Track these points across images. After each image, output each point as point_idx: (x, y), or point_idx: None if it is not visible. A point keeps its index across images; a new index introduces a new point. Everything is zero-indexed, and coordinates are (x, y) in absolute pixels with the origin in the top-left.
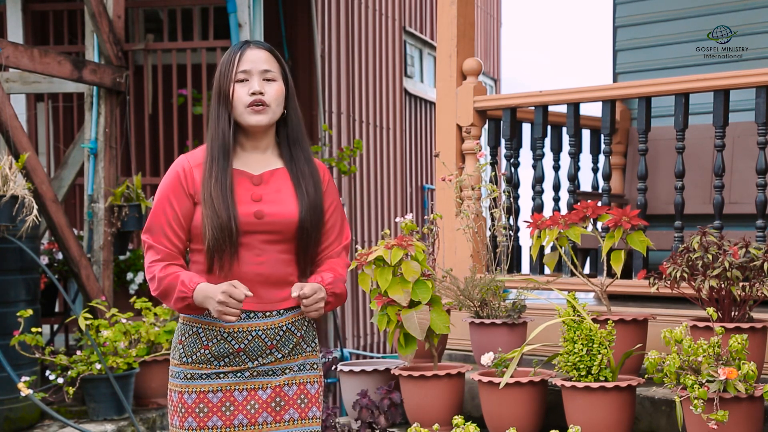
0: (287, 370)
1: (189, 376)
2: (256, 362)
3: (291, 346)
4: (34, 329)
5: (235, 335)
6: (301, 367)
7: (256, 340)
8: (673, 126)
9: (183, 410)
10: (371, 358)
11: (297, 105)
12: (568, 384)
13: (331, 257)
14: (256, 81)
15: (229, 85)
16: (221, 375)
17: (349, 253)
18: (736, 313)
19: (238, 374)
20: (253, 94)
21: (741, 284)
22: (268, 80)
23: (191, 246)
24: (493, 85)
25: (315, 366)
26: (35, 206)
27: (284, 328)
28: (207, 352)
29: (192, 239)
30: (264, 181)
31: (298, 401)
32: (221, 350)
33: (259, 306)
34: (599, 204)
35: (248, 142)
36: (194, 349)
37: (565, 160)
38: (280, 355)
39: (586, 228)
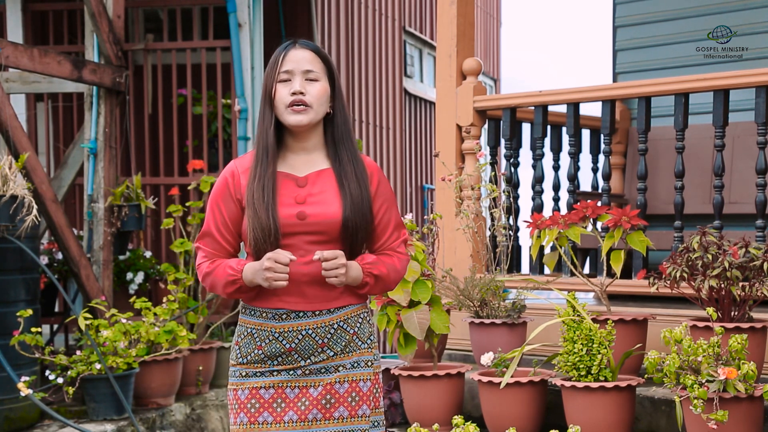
0: (340, 368)
1: (244, 374)
2: (308, 360)
3: (343, 343)
4: (33, 329)
5: (286, 335)
6: (355, 365)
7: (307, 339)
8: (673, 126)
9: (237, 406)
10: None
11: (344, 104)
12: (567, 384)
13: (386, 251)
14: (297, 81)
15: (272, 86)
16: (275, 372)
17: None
18: (736, 313)
19: (291, 372)
20: (294, 94)
21: (741, 284)
22: (311, 80)
23: (246, 249)
24: (493, 85)
25: (369, 363)
26: (35, 206)
27: (335, 325)
28: (260, 352)
29: (244, 242)
30: (309, 183)
31: (349, 399)
32: (274, 350)
33: (308, 306)
34: (599, 204)
35: (295, 143)
36: (249, 350)
37: (565, 160)
38: (332, 353)
39: (585, 228)
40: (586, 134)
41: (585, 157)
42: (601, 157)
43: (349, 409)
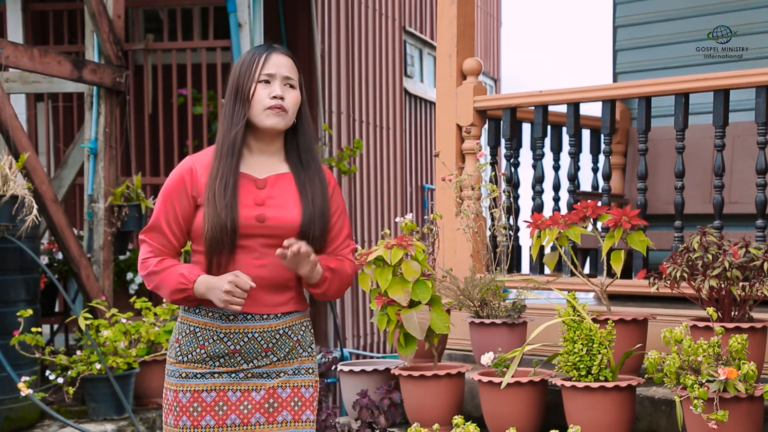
0: (282, 374)
1: (184, 374)
2: (251, 364)
3: (287, 349)
4: (34, 329)
5: (231, 336)
6: (296, 371)
7: (252, 342)
8: (673, 126)
9: (177, 409)
10: (371, 358)
11: (309, 114)
12: (568, 384)
13: (336, 256)
14: (278, 85)
15: (250, 85)
16: (216, 375)
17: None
18: (736, 313)
19: (233, 375)
20: (275, 97)
21: (741, 284)
22: (288, 87)
23: (192, 247)
24: (493, 85)
25: (310, 370)
26: (35, 206)
27: (281, 331)
28: (203, 351)
29: (193, 240)
30: (268, 185)
31: (292, 403)
32: (217, 350)
33: (257, 309)
34: (599, 204)
35: (257, 144)
36: (190, 348)
37: (565, 160)
38: (275, 358)
39: (586, 228)
40: (586, 134)
41: (585, 157)
42: (602, 157)
43: (292, 413)
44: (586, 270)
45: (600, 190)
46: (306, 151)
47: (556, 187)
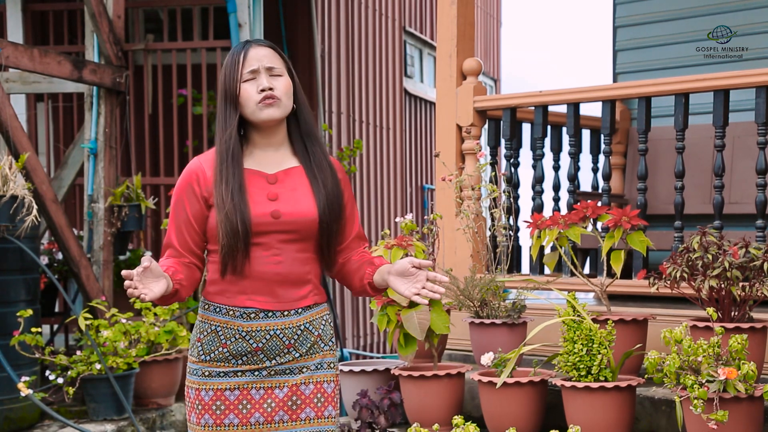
0: (304, 369)
1: (207, 373)
2: (273, 361)
3: (309, 345)
4: (34, 329)
5: (253, 334)
6: (318, 366)
7: (274, 339)
8: (673, 126)
9: (200, 407)
10: (371, 358)
11: (305, 99)
12: (568, 384)
13: (353, 251)
14: (263, 78)
15: (236, 86)
16: (239, 373)
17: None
18: (736, 313)
19: (256, 373)
20: (263, 90)
21: (741, 284)
22: (275, 76)
23: (209, 247)
24: (493, 85)
25: (332, 365)
26: (35, 206)
27: (302, 327)
28: (225, 350)
29: (209, 240)
30: (279, 180)
31: (315, 400)
32: (239, 349)
33: (277, 305)
34: (599, 204)
35: (261, 139)
36: (212, 347)
37: (565, 160)
38: (297, 354)
39: (586, 228)
40: (586, 134)
41: (585, 158)
42: (602, 158)
43: (315, 410)
44: (586, 270)
45: (600, 191)
46: (308, 138)
47: (556, 188)
